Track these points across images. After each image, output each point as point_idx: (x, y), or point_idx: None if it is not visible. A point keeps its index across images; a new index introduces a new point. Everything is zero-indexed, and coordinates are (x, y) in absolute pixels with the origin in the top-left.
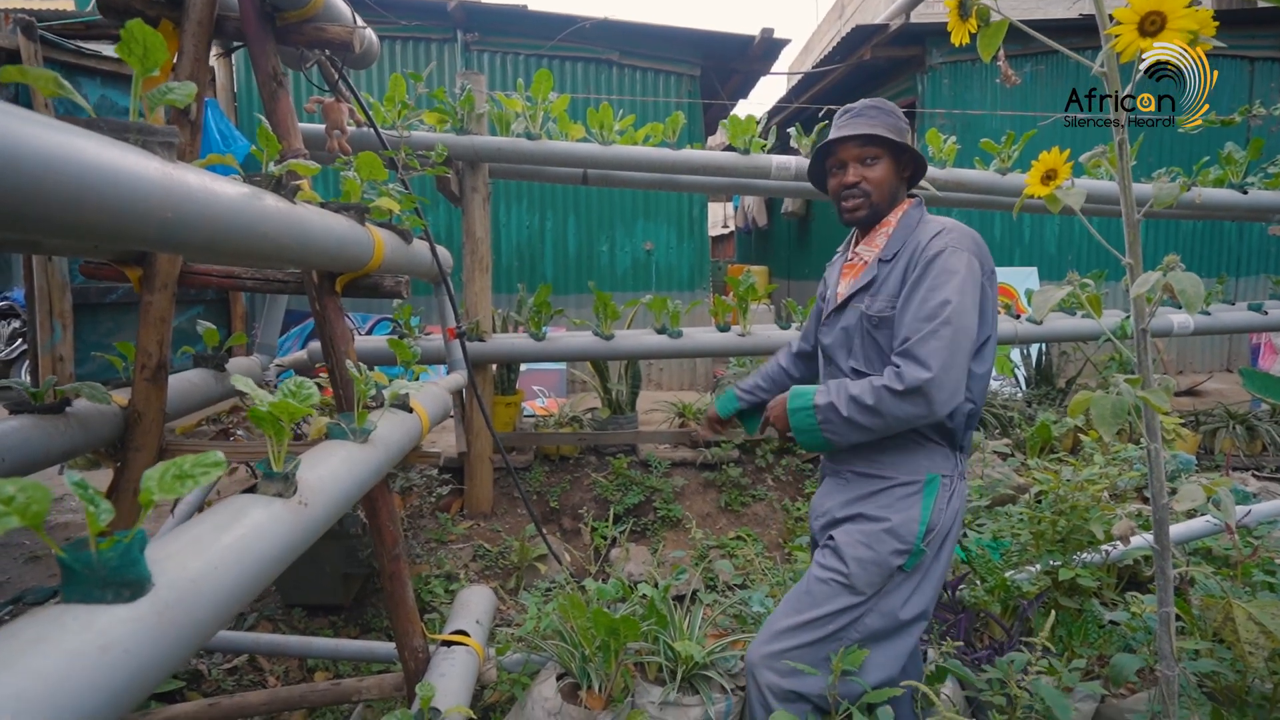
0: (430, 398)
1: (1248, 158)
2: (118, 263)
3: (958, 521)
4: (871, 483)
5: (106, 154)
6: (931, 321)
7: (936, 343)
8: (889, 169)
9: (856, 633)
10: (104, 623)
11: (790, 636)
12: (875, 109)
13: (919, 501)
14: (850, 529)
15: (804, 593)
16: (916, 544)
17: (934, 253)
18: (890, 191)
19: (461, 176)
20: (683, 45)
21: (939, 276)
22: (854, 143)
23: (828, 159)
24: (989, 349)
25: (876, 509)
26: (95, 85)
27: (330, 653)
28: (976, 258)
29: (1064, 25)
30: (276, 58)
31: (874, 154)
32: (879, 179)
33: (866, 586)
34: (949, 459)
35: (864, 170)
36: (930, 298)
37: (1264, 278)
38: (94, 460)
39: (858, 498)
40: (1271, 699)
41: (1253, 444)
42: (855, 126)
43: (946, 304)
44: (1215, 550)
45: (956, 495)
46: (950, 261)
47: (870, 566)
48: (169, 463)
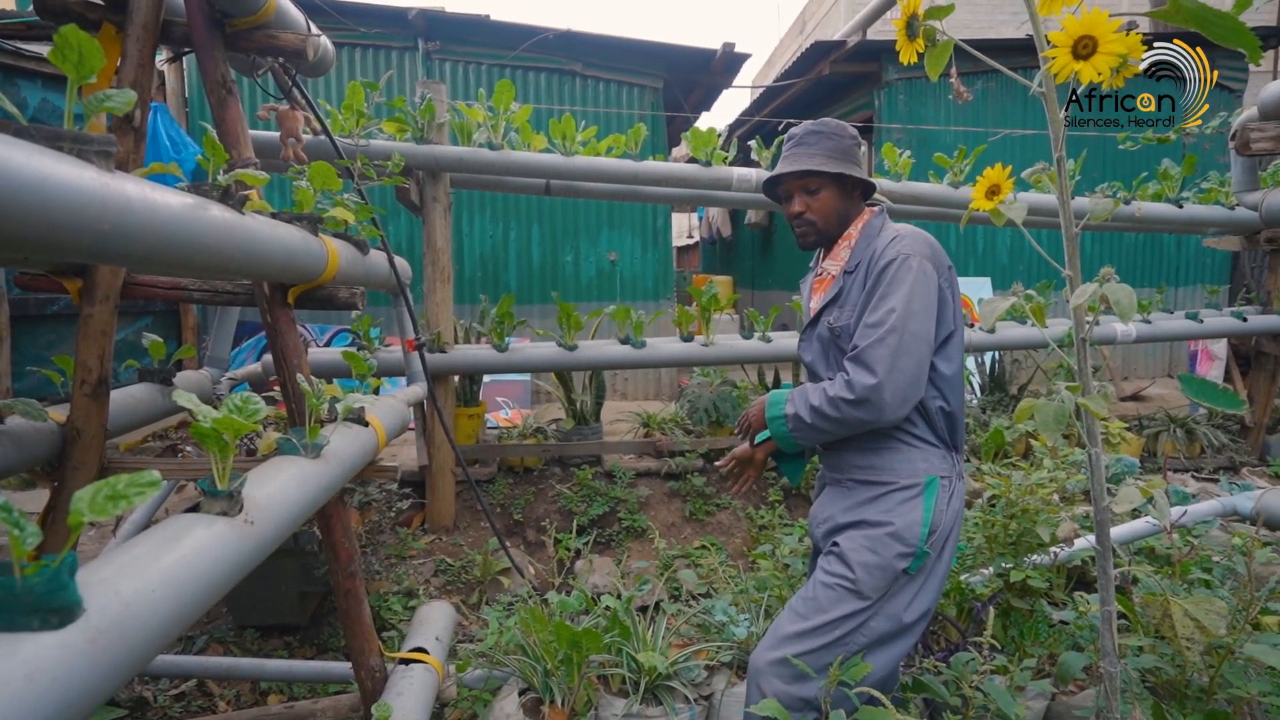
0: (387, 411)
1: (1182, 173)
2: (55, 274)
3: (958, 521)
4: (872, 488)
5: (37, 163)
6: (878, 329)
7: (882, 349)
8: (833, 195)
9: (863, 636)
10: (29, 651)
11: (797, 642)
12: (816, 134)
13: (920, 504)
14: (854, 535)
15: (810, 599)
16: (920, 546)
17: (885, 262)
18: (838, 215)
19: (422, 186)
20: (646, 58)
21: (889, 285)
22: (793, 177)
23: (777, 187)
24: (953, 346)
25: (879, 514)
26: (36, 88)
27: (284, 674)
28: (930, 261)
29: (1012, 45)
30: (226, 65)
31: (815, 184)
32: (823, 208)
33: (873, 591)
34: (946, 459)
35: (808, 200)
36: (879, 306)
37: (1200, 288)
38: (29, 480)
39: (859, 503)
40: (1208, 690)
41: (1192, 446)
42: (794, 159)
43: (891, 312)
44: (1158, 550)
45: (956, 495)
46: (899, 270)
47: (876, 571)
48: (101, 483)
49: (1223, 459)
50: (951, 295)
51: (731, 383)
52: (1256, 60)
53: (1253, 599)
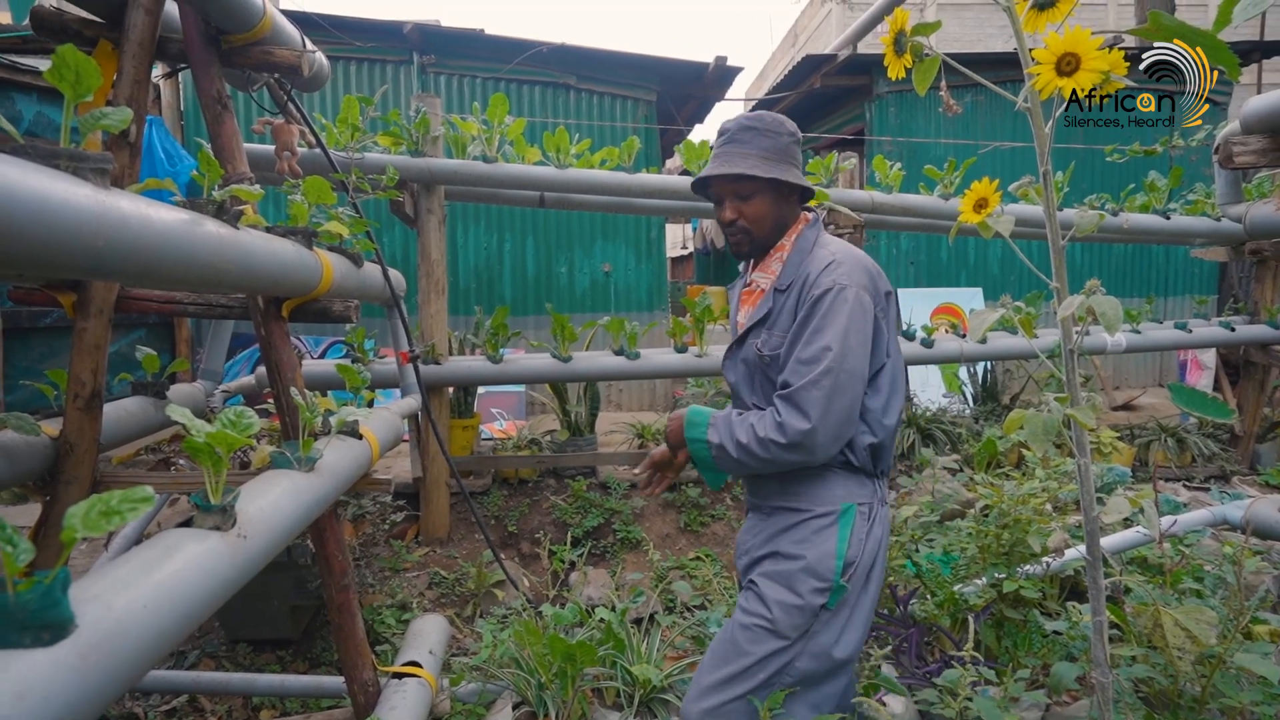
0: (381, 423)
1: (1169, 185)
2: (50, 288)
3: (883, 550)
4: (789, 516)
5: (34, 181)
6: (812, 368)
7: (816, 392)
8: (768, 200)
9: (789, 677)
10: (21, 668)
11: (721, 691)
12: (749, 130)
13: (834, 534)
14: (769, 569)
15: (728, 641)
16: (836, 580)
17: (820, 292)
18: (774, 222)
19: (417, 199)
20: (639, 71)
21: (823, 319)
22: (723, 180)
23: (708, 189)
24: (883, 379)
25: (792, 545)
26: (31, 101)
27: (276, 689)
28: (868, 291)
29: (1000, 58)
30: (221, 80)
31: (748, 189)
32: (756, 214)
33: (791, 630)
34: (865, 485)
35: (740, 205)
36: (814, 340)
37: (1189, 298)
38: (21, 495)
39: (776, 533)
40: (1201, 700)
41: (1183, 455)
42: (725, 159)
43: (827, 351)
44: (1150, 559)
45: (877, 522)
46: (835, 303)
47: (793, 610)
48: (94, 499)
49: (1214, 468)
50: (886, 326)
51: (725, 394)
52: (1236, 78)
53: (1243, 608)
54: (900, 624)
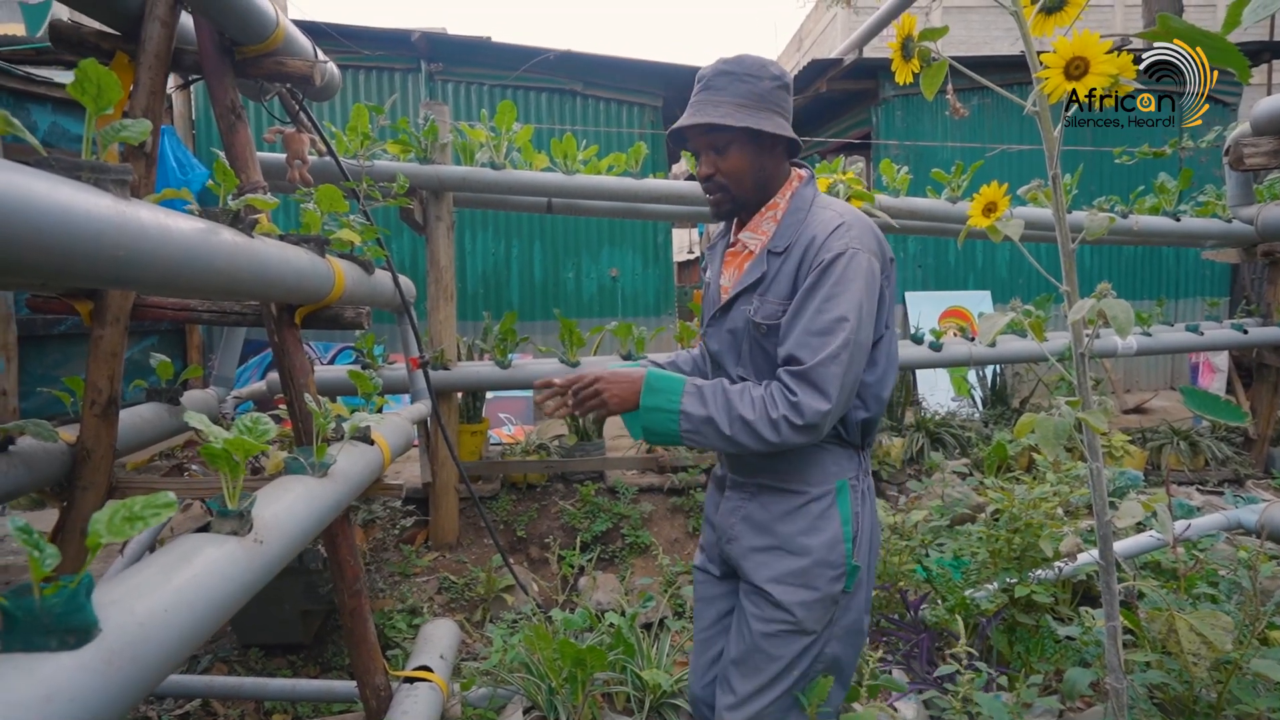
0: (392, 429)
1: (1179, 187)
2: (67, 297)
3: (875, 518)
4: (782, 498)
5: (59, 193)
6: (828, 342)
7: (835, 368)
8: (746, 153)
9: (821, 664)
10: (48, 671)
11: (761, 697)
12: (725, 75)
13: (836, 516)
14: (777, 571)
15: (755, 650)
16: (849, 563)
17: (831, 256)
18: (755, 177)
19: (426, 206)
20: (645, 77)
21: (836, 286)
22: (695, 131)
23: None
24: (880, 352)
25: (795, 536)
26: (46, 112)
27: (288, 694)
28: (877, 257)
29: (1007, 61)
30: (235, 91)
31: (723, 140)
32: (734, 168)
33: (816, 624)
34: (853, 459)
35: (717, 160)
36: (826, 310)
37: (1200, 300)
38: (38, 500)
39: (770, 520)
40: (1216, 706)
41: (1196, 459)
42: (697, 110)
43: (843, 322)
44: (1164, 564)
45: (866, 494)
46: (850, 268)
47: (814, 605)
48: (118, 504)
49: (1227, 472)
50: (889, 296)
51: None
52: (1246, 80)
53: (1259, 613)
54: (911, 629)
